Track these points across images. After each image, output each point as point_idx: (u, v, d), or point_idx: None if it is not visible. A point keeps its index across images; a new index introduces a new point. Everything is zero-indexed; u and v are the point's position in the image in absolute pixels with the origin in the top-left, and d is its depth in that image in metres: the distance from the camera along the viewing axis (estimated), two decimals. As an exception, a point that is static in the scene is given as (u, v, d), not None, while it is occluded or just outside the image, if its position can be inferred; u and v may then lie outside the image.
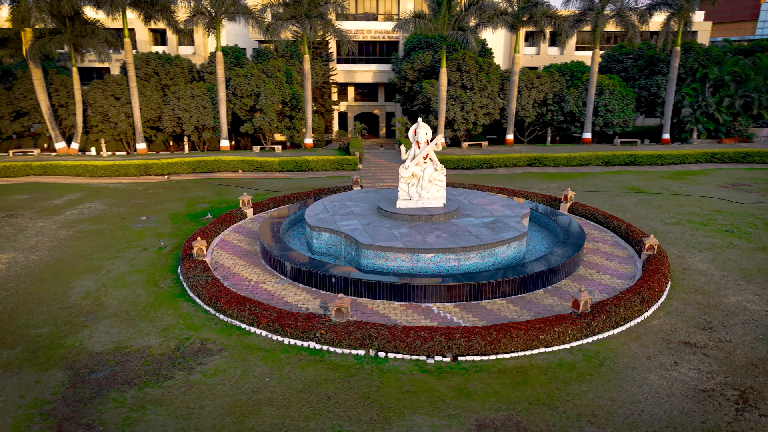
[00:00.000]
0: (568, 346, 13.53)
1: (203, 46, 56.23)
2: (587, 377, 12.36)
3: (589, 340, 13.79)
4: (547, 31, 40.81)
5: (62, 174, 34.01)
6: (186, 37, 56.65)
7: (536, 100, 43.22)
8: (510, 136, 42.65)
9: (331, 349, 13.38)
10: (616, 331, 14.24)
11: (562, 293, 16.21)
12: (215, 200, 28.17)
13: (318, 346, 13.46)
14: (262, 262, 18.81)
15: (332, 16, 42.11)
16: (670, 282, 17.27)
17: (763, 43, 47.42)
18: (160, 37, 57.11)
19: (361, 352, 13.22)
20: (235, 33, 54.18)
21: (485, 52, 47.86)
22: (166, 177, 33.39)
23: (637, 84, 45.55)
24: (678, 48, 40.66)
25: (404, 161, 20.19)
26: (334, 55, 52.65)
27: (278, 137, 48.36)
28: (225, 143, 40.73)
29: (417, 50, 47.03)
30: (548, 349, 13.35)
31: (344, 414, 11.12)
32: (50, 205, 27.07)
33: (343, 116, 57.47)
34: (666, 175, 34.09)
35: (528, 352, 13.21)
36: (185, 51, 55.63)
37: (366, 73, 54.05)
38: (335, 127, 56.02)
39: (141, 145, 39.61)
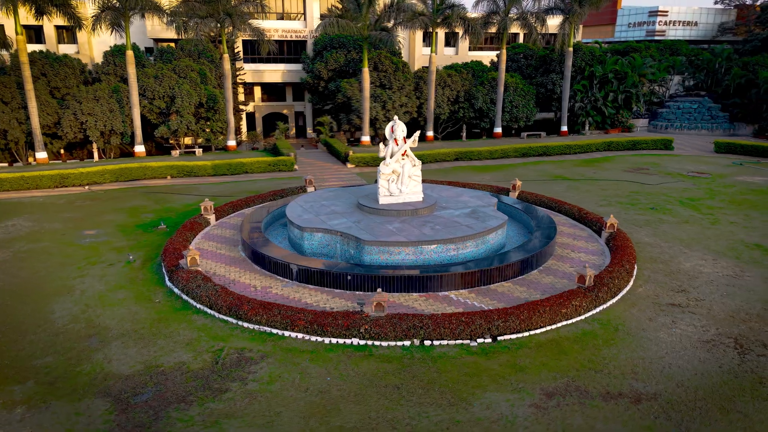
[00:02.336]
0: (583, 317, 15.01)
1: (88, 44, 51.54)
2: (611, 342, 13.88)
3: (598, 310, 15.40)
4: (459, 32, 43.16)
5: (-44, 190, 29.74)
6: (67, 34, 51.68)
7: (450, 98, 45.52)
8: (430, 133, 44.51)
9: (376, 343, 13.60)
10: (614, 300, 16.02)
11: (555, 272, 17.78)
12: (158, 209, 26.43)
13: (362, 342, 13.62)
14: (255, 267, 18.27)
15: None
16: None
17: (634, 45, 53.97)
18: (35, 35, 51.34)
19: (407, 343, 13.62)
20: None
21: (397, 52, 49.30)
22: (86, 188, 30.50)
23: (534, 81, 49.66)
24: (571, 49, 45.09)
25: (384, 158, 20.69)
26: (241, 55, 51.11)
27: (188, 140, 45.93)
28: (140, 149, 38.01)
29: (330, 50, 47.17)
30: (569, 322, 14.71)
31: (421, 401, 11.52)
32: (-38, 226, 23.73)
33: (250, 117, 55.89)
34: (577, 163, 37.82)
35: (553, 326, 14.47)
36: (66, 50, 50.47)
37: (275, 72, 53.09)
38: (244, 128, 54.37)
39: (41, 155, 35.67)
